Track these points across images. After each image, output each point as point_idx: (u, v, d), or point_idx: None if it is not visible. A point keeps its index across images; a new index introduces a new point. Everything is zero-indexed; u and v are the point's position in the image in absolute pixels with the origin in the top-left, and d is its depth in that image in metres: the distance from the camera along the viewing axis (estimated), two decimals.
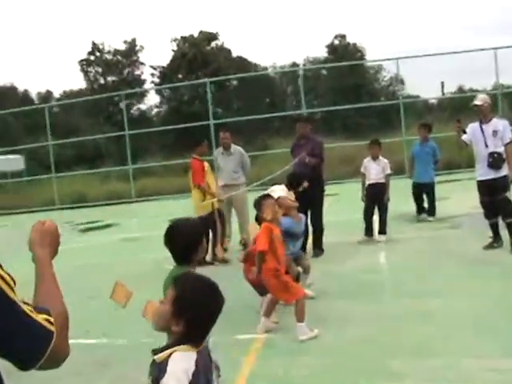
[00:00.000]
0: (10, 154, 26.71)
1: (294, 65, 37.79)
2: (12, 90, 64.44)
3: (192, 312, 2.23)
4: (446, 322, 5.31)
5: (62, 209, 21.43)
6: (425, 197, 10.64)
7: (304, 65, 38.42)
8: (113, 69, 40.13)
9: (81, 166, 30.88)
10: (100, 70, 40.66)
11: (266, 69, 40.60)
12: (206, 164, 8.84)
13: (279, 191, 6.55)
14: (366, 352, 4.80)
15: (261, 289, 5.73)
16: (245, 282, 6.06)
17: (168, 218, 6.11)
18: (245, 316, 5.97)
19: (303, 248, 7.53)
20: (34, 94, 66.37)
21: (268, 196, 5.77)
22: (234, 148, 9.47)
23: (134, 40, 41.78)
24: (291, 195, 6.59)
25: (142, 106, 40.84)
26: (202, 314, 2.26)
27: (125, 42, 41.82)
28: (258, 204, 5.61)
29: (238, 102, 38.03)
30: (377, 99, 34.41)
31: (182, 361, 2.19)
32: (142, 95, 39.84)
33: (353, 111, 29.77)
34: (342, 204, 13.77)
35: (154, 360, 2.24)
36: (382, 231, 9.27)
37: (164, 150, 30.34)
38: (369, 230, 9.28)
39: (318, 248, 8.61)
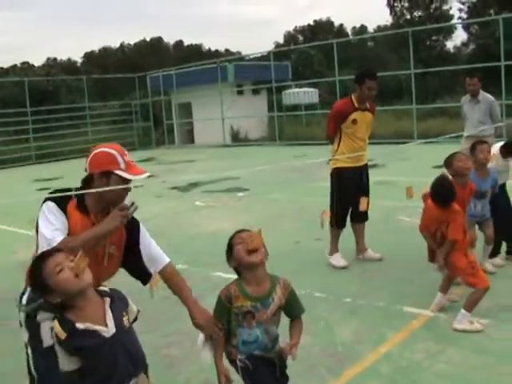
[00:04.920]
0: (311, 87, 27.85)
1: None
2: (328, 24, 66.79)
3: None
4: None
5: None
6: None
7: None
8: (420, 3, 38.63)
9: (379, 101, 31.05)
10: (406, 4, 39.50)
11: None
12: None
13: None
14: None
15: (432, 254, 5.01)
16: None
17: (434, 164, 5.67)
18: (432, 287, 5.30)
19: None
20: (348, 29, 68.01)
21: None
22: (483, 95, 8.41)
23: None
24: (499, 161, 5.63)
25: (449, 44, 38.76)
26: None
27: None
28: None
29: None
30: None
31: None
32: (449, 32, 37.68)
33: None
34: None
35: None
36: None
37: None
38: None
39: None
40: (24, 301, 2.96)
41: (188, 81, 26.92)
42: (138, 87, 29.96)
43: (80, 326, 2.42)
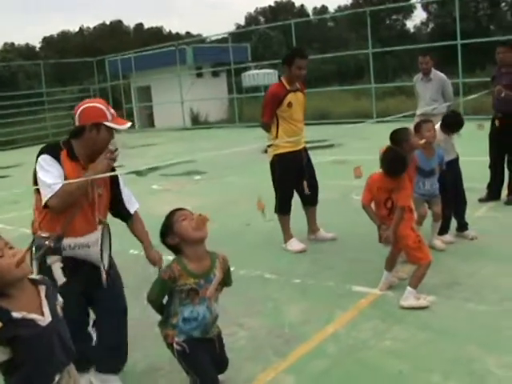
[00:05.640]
0: (270, 68, 27.71)
1: None
2: (289, 4, 66.48)
3: None
4: None
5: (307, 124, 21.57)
6: None
7: None
8: None
9: (339, 81, 31.17)
10: None
11: None
12: None
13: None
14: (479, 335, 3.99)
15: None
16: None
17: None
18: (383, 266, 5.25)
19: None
20: (309, 9, 67.83)
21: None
22: (435, 74, 8.42)
23: None
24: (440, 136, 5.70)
25: (409, 23, 39.02)
26: None
27: None
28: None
29: None
30: None
31: None
32: (409, 11, 37.87)
33: None
34: None
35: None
36: None
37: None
38: None
39: None
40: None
41: (147, 64, 26.56)
42: (97, 71, 29.44)
43: (17, 315, 2.31)
